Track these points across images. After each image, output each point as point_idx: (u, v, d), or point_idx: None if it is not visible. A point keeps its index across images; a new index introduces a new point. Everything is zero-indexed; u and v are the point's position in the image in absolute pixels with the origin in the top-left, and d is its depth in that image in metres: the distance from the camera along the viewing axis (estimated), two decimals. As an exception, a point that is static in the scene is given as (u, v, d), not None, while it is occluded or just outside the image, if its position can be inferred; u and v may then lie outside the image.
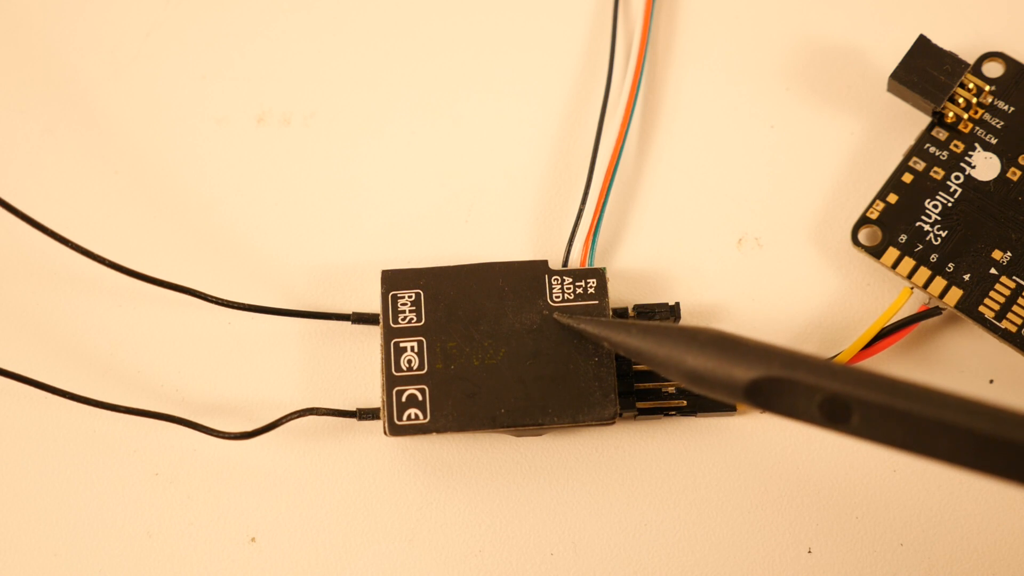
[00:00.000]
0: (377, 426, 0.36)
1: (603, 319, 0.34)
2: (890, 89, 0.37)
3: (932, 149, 0.36)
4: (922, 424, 0.27)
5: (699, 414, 0.36)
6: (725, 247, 0.37)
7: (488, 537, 0.36)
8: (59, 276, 0.38)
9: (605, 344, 0.34)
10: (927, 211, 0.36)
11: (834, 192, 0.37)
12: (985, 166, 0.36)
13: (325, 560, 0.36)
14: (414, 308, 0.35)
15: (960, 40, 0.38)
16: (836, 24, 0.39)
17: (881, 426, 0.28)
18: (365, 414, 0.35)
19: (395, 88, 0.39)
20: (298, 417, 0.35)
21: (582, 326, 0.34)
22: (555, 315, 0.35)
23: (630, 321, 0.33)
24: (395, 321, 0.35)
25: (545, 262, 0.36)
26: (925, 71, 0.36)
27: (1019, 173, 0.36)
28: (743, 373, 0.29)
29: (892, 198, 0.36)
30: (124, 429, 0.36)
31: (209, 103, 0.39)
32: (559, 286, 0.35)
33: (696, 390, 0.30)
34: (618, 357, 0.35)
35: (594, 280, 0.35)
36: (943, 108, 0.36)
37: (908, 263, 0.36)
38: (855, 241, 0.36)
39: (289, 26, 0.40)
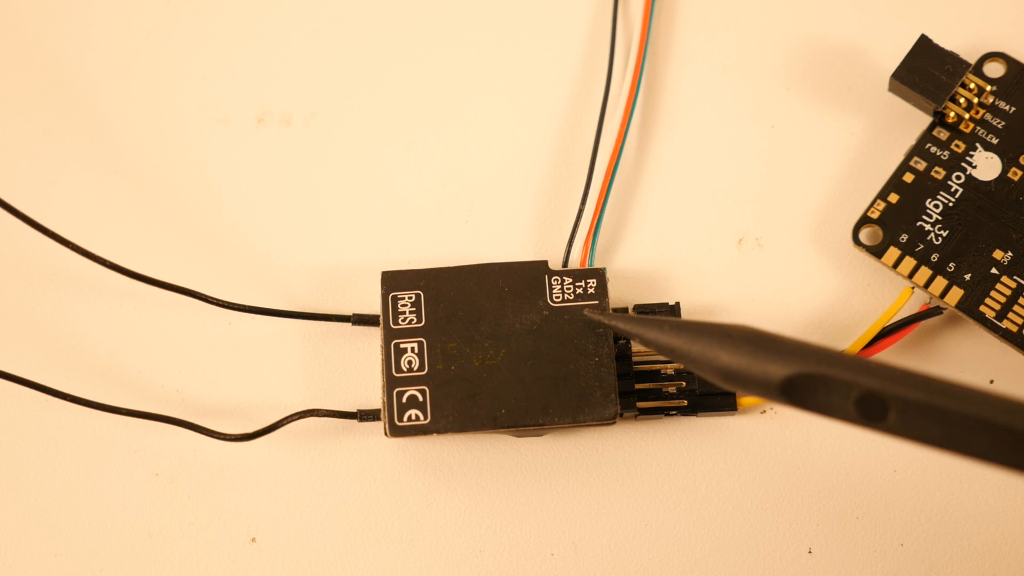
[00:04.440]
0: (378, 427, 0.36)
1: (634, 316, 0.34)
2: (891, 89, 0.37)
3: (933, 149, 0.36)
4: (960, 422, 0.27)
5: (699, 414, 0.36)
6: (725, 247, 0.37)
7: (488, 537, 0.36)
8: (59, 276, 0.38)
9: (636, 340, 0.33)
10: (928, 211, 0.36)
11: (835, 192, 0.37)
12: (986, 166, 0.36)
13: (325, 561, 0.36)
14: (414, 309, 0.35)
15: (961, 40, 0.38)
16: (837, 24, 0.39)
17: (918, 424, 0.27)
18: (366, 415, 0.35)
19: (395, 88, 0.39)
20: (299, 419, 0.35)
21: (613, 322, 0.34)
22: (585, 311, 0.35)
23: (662, 318, 0.32)
24: (395, 322, 0.35)
25: (545, 262, 0.36)
26: (926, 71, 0.36)
27: (1020, 173, 0.36)
28: (778, 370, 0.28)
29: (893, 198, 0.36)
30: (124, 430, 0.36)
31: (209, 103, 0.39)
32: (559, 286, 0.35)
33: (730, 388, 0.30)
34: (618, 357, 0.35)
35: (594, 280, 0.35)
36: (944, 108, 0.36)
37: (909, 263, 0.36)
38: (856, 241, 0.36)
39: (289, 26, 0.40)
